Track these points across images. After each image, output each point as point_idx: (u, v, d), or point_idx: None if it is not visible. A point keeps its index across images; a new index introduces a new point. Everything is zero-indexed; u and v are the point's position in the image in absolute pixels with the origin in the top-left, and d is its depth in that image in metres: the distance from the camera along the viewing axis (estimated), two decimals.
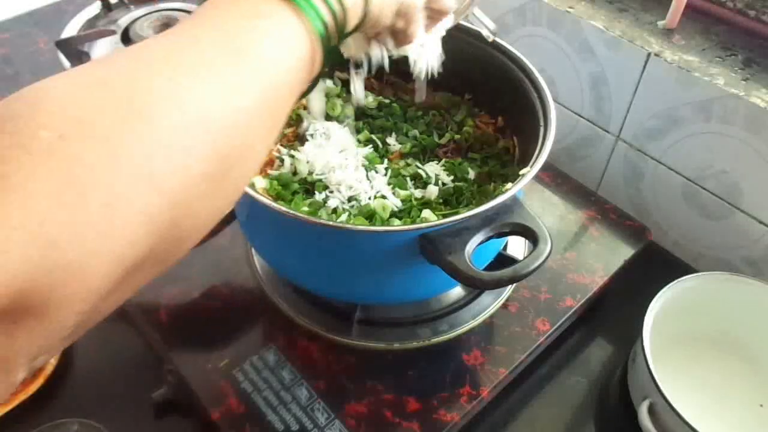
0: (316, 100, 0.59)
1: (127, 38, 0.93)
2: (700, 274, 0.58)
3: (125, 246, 0.23)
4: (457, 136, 0.62)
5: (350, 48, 0.42)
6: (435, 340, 0.56)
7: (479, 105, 0.64)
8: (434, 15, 0.43)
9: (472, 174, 0.57)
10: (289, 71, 0.31)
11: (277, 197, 0.54)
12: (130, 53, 0.28)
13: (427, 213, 0.53)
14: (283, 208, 0.43)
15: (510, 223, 0.44)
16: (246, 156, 0.29)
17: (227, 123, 0.27)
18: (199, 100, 0.26)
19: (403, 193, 0.54)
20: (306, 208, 0.52)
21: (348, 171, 0.54)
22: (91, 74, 0.26)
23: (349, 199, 0.53)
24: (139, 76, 0.26)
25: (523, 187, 0.45)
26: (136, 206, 0.23)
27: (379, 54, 0.43)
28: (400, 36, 0.41)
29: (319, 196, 0.53)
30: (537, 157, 0.47)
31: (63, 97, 0.24)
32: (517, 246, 0.63)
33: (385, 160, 0.57)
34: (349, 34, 0.36)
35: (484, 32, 0.54)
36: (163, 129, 0.25)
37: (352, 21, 0.36)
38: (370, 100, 0.64)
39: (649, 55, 0.62)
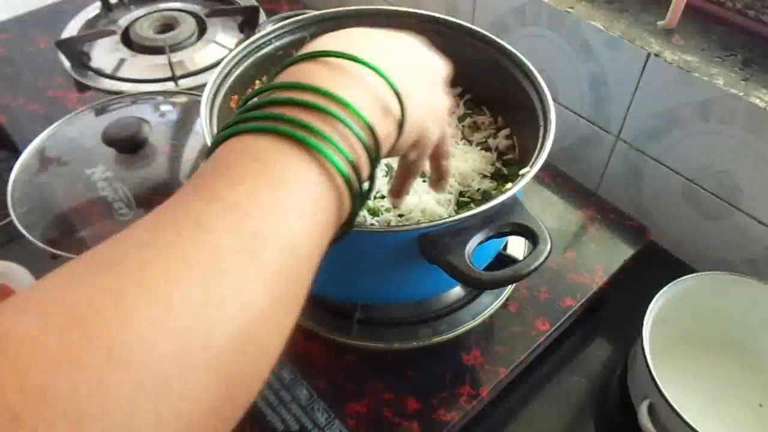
0: None
1: (127, 38, 0.93)
2: (700, 274, 0.58)
3: None
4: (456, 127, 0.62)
5: None
6: (435, 340, 0.56)
7: (479, 105, 0.64)
8: (436, 164, 0.43)
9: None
10: (314, 241, 0.26)
11: None
12: (114, 260, 0.21)
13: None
14: None
15: (510, 223, 0.44)
16: (258, 364, 0.24)
17: (237, 340, 0.22)
18: (203, 320, 0.21)
19: None
20: None
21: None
22: (61, 303, 0.20)
23: None
24: (122, 304, 0.20)
25: (523, 187, 0.45)
26: None
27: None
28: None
29: None
30: (537, 157, 0.47)
31: (24, 347, 0.18)
32: (517, 246, 0.63)
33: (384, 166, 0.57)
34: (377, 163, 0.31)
35: None
36: (150, 373, 0.19)
37: (384, 150, 0.31)
38: None
39: (649, 55, 0.62)
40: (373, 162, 0.30)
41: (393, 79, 0.31)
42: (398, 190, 0.44)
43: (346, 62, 0.30)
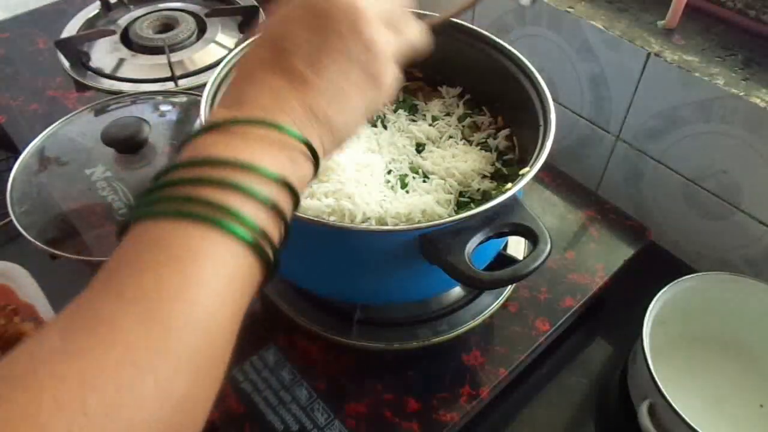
0: None
1: (126, 38, 0.93)
2: (700, 274, 0.58)
3: None
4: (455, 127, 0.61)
5: None
6: (435, 340, 0.55)
7: (479, 105, 0.64)
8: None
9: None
10: (230, 311, 0.26)
11: None
12: (27, 373, 0.21)
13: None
14: None
15: (510, 223, 0.44)
16: None
17: (159, 430, 0.23)
18: (122, 421, 0.21)
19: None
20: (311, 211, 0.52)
21: (370, 191, 0.52)
22: None
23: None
24: (41, 419, 0.20)
25: (523, 187, 0.45)
26: None
27: None
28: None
29: (325, 201, 0.52)
30: (537, 157, 0.47)
31: None
32: (517, 246, 0.63)
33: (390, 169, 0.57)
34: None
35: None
36: None
37: (303, 189, 0.31)
38: None
39: (649, 55, 0.62)
40: (290, 211, 0.30)
41: (297, 132, 0.30)
42: None
43: (244, 126, 0.29)
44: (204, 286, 0.25)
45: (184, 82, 0.86)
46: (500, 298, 0.59)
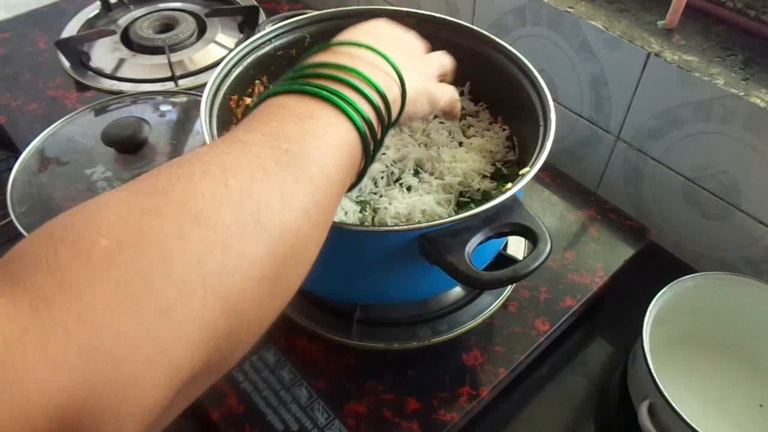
0: None
1: (126, 38, 0.93)
2: (700, 274, 0.58)
3: (181, 356, 0.23)
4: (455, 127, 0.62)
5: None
6: (435, 340, 0.56)
7: (478, 105, 0.64)
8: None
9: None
10: (338, 170, 0.32)
11: None
12: (183, 161, 0.28)
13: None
14: None
15: (510, 223, 0.44)
16: (300, 257, 0.29)
17: (282, 225, 0.27)
18: (254, 202, 0.27)
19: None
20: None
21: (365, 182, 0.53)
22: (146, 183, 0.26)
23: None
24: (192, 182, 0.26)
25: (523, 187, 0.45)
26: (190, 312, 0.23)
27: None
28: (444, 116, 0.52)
29: None
30: (537, 157, 0.47)
31: (120, 205, 0.24)
32: (517, 246, 0.63)
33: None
34: (391, 126, 0.38)
35: None
36: (216, 232, 0.25)
37: (394, 114, 0.38)
38: None
39: (649, 55, 0.62)
40: (386, 123, 0.36)
41: (391, 58, 0.38)
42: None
43: (355, 49, 0.38)
44: (320, 138, 0.31)
45: (184, 82, 0.86)
46: (500, 298, 0.59)
